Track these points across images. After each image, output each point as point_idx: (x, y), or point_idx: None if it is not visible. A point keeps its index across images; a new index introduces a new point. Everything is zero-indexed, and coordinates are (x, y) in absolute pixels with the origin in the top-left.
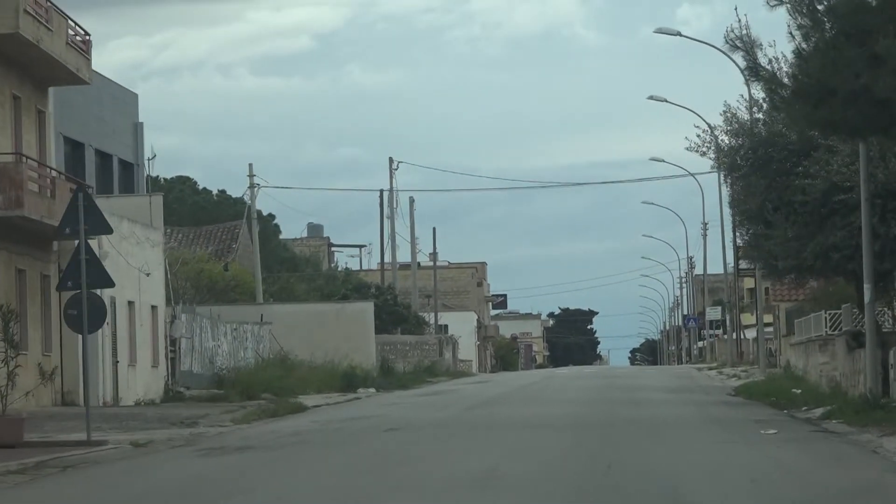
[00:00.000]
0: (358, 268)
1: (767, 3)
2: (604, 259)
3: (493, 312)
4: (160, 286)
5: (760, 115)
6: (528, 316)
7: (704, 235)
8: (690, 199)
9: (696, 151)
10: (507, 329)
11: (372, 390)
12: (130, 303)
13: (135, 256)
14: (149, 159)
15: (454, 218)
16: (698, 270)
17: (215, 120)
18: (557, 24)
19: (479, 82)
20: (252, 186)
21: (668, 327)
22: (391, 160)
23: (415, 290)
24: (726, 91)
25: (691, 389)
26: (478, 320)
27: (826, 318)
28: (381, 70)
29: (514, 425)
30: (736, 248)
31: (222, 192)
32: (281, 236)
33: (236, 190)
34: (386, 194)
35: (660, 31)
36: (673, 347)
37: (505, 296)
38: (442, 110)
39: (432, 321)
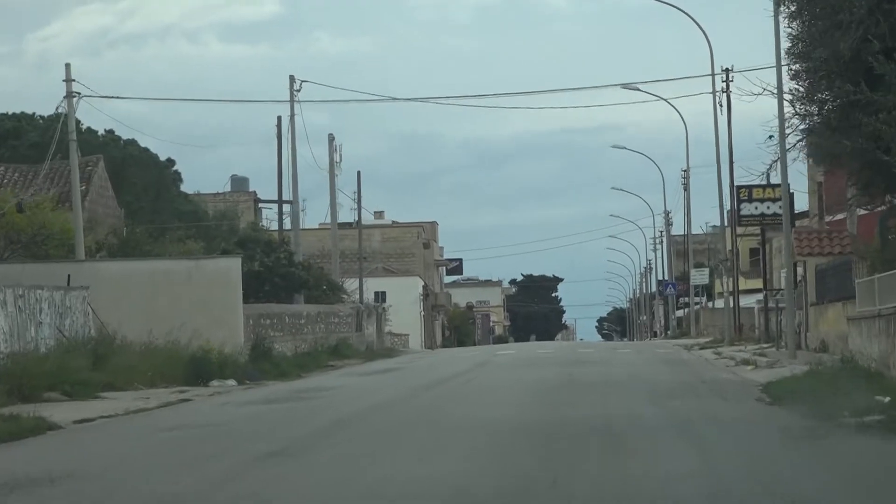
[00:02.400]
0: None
1: None
2: (572, 224)
3: (449, 279)
4: None
5: None
6: (487, 283)
7: (686, 182)
8: (665, 159)
9: None
10: (463, 297)
11: (231, 382)
12: None
13: None
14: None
15: (419, 184)
16: (677, 229)
17: (182, 88)
18: None
19: (447, 48)
20: (70, 96)
21: (638, 295)
22: (292, 79)
23: (335, 250)
24: (695, 56)
25: (695, 389)
26: (424, 287)
27: None
28: (348, 36)
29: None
30: (735, 191)
31: (110, 131)
32: (183, 186)
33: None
34: (286, 121)
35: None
36: (644, 317)
37: (460, 260)
38: (410, 77)
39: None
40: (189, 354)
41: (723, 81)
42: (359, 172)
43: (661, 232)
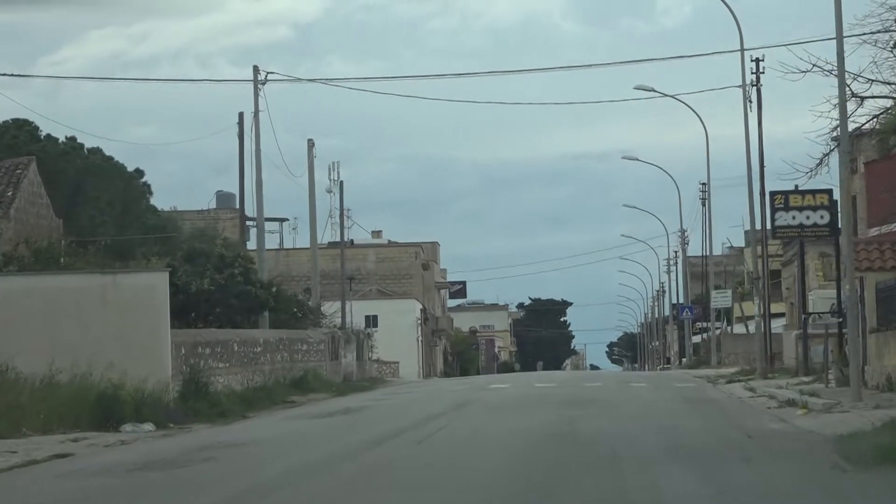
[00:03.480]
0: (278, 245)
1: None
2: (582, 248)
3: (453, 303)
4: None
5: None
6: (492, 307)
7: (706, 195)
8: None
9: None
10: (467, 322)
11: (149, 427)
12: None
13: None
14: None
15: (429, 208)
16: (692, 250)
17: (195, 111)
18: (537, 14)
19: (458, 72)
20: None
21: (649, 319)
22: (255, 70)
23: (315, 270)
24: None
25: (741, 447)
26: (423, 310)
27: None
28: (360, 61)
29: None
30: (768, 199)
31: (71, 139)
32: (160, 201)
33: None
34: (249, 117)
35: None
36: (656, 343)
37: (463, 283)
38: (421, 101)
39: (344, 309)
40: (96, 392)
41: (752, 73)
42: (341, 183)
43: (676, 252)
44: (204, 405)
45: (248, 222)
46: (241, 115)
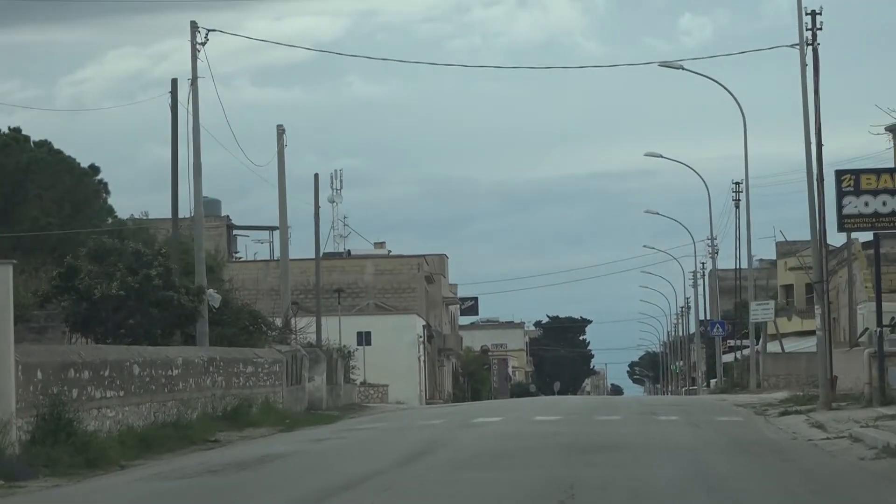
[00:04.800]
0: (269, 257)
1: None
2: (603, 264)
3: (466, 321)
4: None
5: None
6: (508, 325)
7: (739, 198)
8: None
9: None
10: (481, 341)
11: None
12: None
13: None
14: None
15: (447, 228)
16: (723, 261)
17: (219, 128)
18: (558, 33)
19: (479, 92)
20: None
21: (673, 337)
22: (193, 26)
23: (286, 277)
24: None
25: None
26: (426, 327)
27: None
28: (380, 80)
29: None
30: (834, 181)
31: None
32: (111, 199)
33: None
34: (185, 87)
35: (664, 64)
36: (681, 362)
37: (475, 299)
38: (442, 120)
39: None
40: None
41: (808, 29)
42: (316, 175)
43: (703, 264)
44: (66, 451)
45: (235, 231)
46: (174, 82)
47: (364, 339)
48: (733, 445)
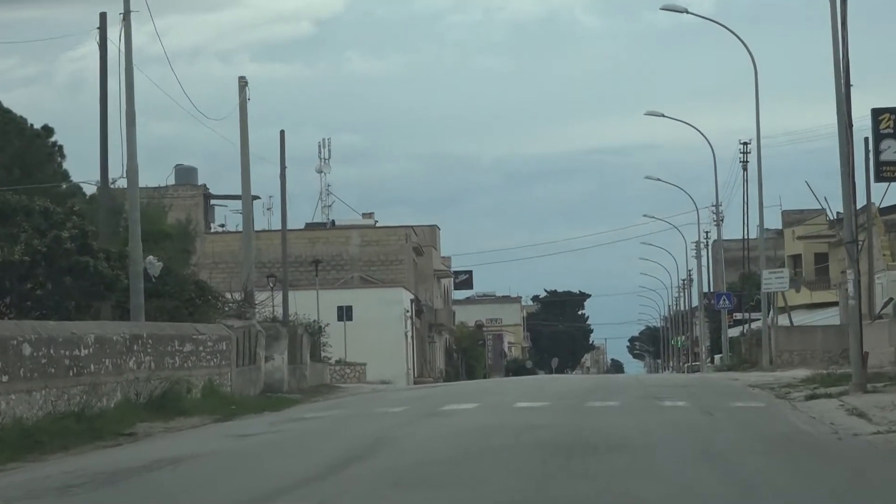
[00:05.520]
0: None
1: None
2: (603, 236)
3: (461, 296)
4: None
5: None
6: (504, 299)
7: (747, 159)
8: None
9: None
10: (476, 316)
11: None
12: None
13: None
14: None
15: (447, 204)
16: (728, 230)
17: (216, 107)
18: (558, 8)
19: (479, 68)
20: None
21: (674, 311)
22: None
23: (249, 247)
24: (730, 72)
25: None
26: (415, 301)
27: None
28: (380, 56)
29: None
30: (871, 121)
31: None
32: (66, 164)
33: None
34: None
35: (666, 7)
36: (683, 337)
37: (470, 272)
38: (441, 96)
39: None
40: None
41: None
42: (282, 132)
43: (707, 233)
44: None
45: (212, 200)
46: (102, 16)
47: (345, 313)
48: (762, 444)
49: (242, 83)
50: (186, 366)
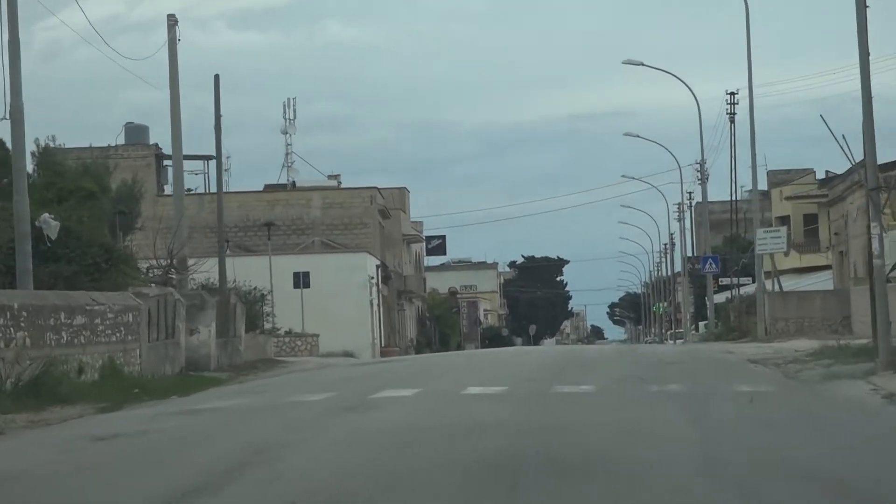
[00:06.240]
0: (204, 189)
1: None
2: (582, 204)
3: (436, 262)
4: None
5: None
6: (480, 265)
7: (735, 111)
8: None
9: None
10: (451, 283)
11: None
12: None
13: None
14: None
15: (427, 172)
16: (714, 191)
17: (197, 74)
18: None
19: (458, 35)
20: None
21: (654, 277)
22: None
23: (179, 204)
24: (709, 42)
25: None
26: (381, 267)
27: None
28: (358, 23)
29: None
30: None
31: None
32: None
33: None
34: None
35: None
36: (665, 304)
37: (443, 237)
38: (421, 63)
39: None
40: None
41: None
42: (216, 76)
43: (690, 193)
44: None
45: (165, 161)
46: None
47: (301, 280)
48: (794, 464)
49: (171, 21)
50: (77, 342)
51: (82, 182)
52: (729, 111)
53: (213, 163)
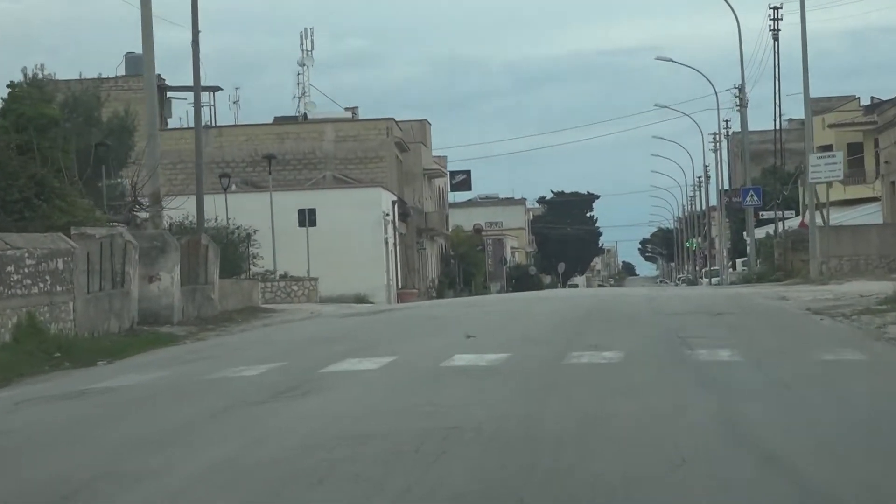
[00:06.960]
0: (211, 122)
1: None
2: (613, 133)
3: (462, 198)
4: None
5: None
6: (507, 201)
7: (778, 27)
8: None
9: None
10: (477, 220)
11: None
12: None
13: None
14: None
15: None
16: (753, 122)
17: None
18: None
19: None
20: None
21: (688, 212)
22: None
23: (153, 142)
24: None
25: None
26: (398, 203)
27: None
28: None
29: None
30: None
31: None
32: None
33: None
34: None
35: None
36: (698, 239)
37: (468, 172)
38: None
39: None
40: None
41: None
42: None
43: (728, 121)
44: None
45: (169, 93)
46: None
47: (307, 218)
48: None
49: None
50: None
51: (42, 108)
52: (772, 27)
53: (219, 95)
